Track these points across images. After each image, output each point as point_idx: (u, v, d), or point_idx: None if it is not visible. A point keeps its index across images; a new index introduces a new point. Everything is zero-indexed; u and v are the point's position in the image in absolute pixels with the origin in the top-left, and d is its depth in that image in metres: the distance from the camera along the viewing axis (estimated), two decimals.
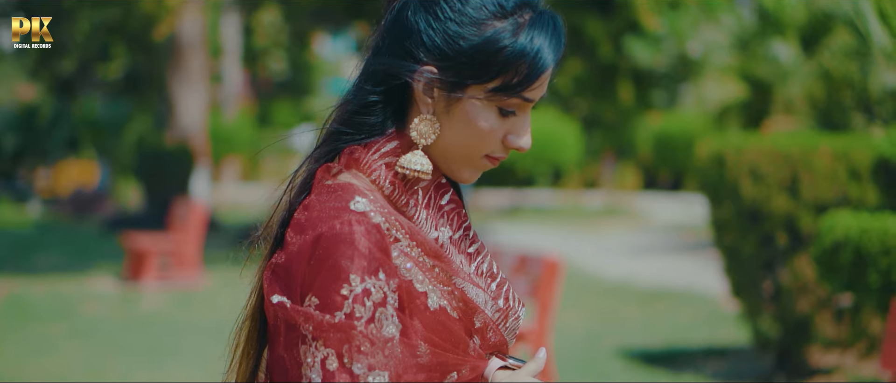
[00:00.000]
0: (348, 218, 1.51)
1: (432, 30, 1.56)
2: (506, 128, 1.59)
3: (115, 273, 12.44)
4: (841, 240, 5.87)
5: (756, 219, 7.03)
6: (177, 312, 10.09)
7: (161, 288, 11.50)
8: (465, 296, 1.58)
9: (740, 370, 7.41)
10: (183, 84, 20.74)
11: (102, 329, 9.21)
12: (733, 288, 7.40)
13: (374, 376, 1.48)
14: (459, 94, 1.56)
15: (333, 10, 23.84)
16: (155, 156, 18.85)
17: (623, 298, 10.40)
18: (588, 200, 22.36)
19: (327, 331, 1.47)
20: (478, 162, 1.61)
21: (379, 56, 1.60)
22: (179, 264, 11.86)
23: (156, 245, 11.70)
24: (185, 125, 20.56)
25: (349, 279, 1.48)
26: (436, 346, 1.55)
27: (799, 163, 6.92)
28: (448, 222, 1.65)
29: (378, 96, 1.59)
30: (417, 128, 1.58)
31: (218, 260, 13.76)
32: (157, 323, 9.50)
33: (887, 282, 5.69)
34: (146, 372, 7.57)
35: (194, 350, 8.34)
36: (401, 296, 1.53)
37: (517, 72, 1.55)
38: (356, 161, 1.59)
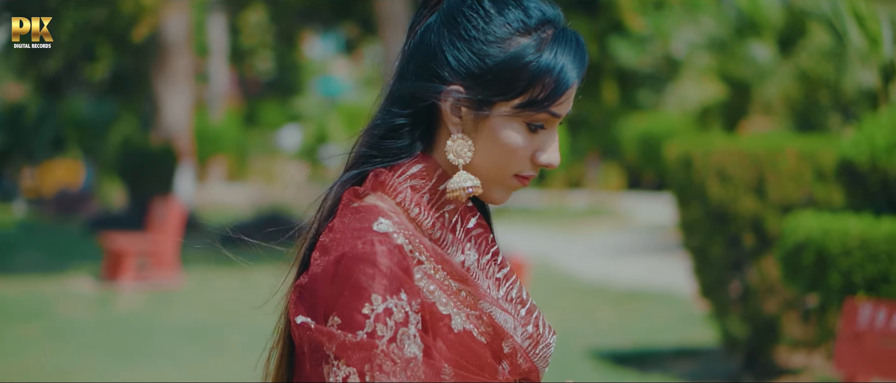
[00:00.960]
0: (371, 238, 1.52)
1: (457, 49, 1.58)
2: (534, 144, 1.60)
3: (94, 273, 12.43)
4: (803, 241, 5.90)
5: (723, 220, 7.06)
6: (152, 313, 10.10)
7: (138, 288, 11.50)
8: (494, 321, 1.59)
9: (709, 370, 7.44)
10: (168, 84, 20.73)
11: (76, 329, 9.21)
12: (702, 288, 7.43)
13: None
14: (486, 111, 1.57)
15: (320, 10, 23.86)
16: (138, 155, 18.84)
17: (599, 299, 10.43)
18: (572, 201, 22.41)
19: (349, 351, 1.48)
20: (508, 181, 1.61)
21: (404, 80, 1.61)
22: (157, 264, 11.86)
23: (133, 245, 11.70)
24: (170, 125, 20.55)
25: (371, 298, 1.49)
26: (461, 368, 1.55)
27: (765, 165, 6.95)
28: (476, 246, 1.66)
29: (405, 119, 1.60)
30: (452, 148, 1.59)
31: (198, 260, 13.76)
32: (132, 324, 9.50)
33: (848, 282, 5.72)
34: (116, 372, 7.58)
35: (166, 350, 8.34)
36: (424, 318, 1.54)
37: (543, 87, 1.57)
38: (382, 184, 1.60)
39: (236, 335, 8.92)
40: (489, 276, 1.66)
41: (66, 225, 19.49)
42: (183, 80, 21.05)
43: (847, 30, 9.88)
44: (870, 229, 5.72)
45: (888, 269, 5.62)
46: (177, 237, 12.04)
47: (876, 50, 9.73)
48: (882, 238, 5.66)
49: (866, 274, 5.67)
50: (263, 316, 7.33)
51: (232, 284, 11.88)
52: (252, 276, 12.85)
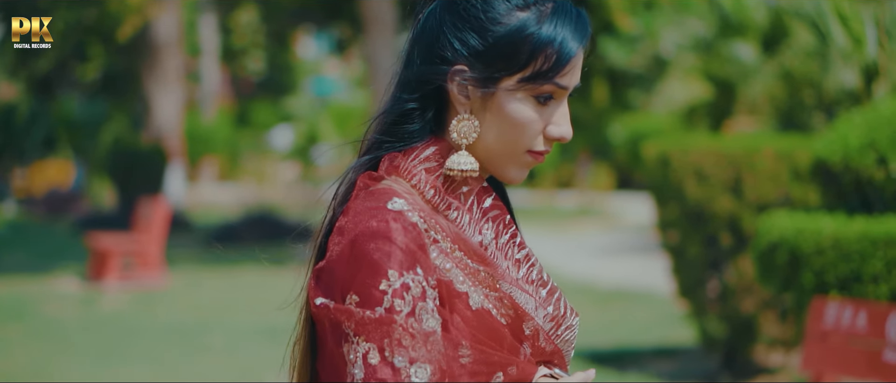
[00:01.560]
0: (385, 216, 1.53)
1: (458, 30, 1.60)
2: (544, 118, 1.61)
3: (80, 273, 12.43)
4: (777, 240, 5.91)
5: (700, 220, 7.07)
6: (136, 313, 10.09)
7: (123, 288, 11.49)
8: (514, 302, 1.59)
9: (687, 370, 7.45)
10: (158, 84, 20.73)
11: (59, 329, 9.21)
12: (680, 288, 7.44)
13: (416, 369, 1.49)
14: (492, 88, 1.59)
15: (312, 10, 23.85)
16: (127, 155, 18.83)
17: (583, 298, 10.43)
18: (562, 200, 22.42)
19: (368, 326, 1.49)
20: (521, 157, 1.62)
21: (410, 66, 1.63)
22: (142, 264, 11.86)
23: (118, 245, 11.70)
24: (161, 125, 20.54)
25: (387, 274, 1.50)
26: (481, 344, 1.55)
27: (742, 164, 6.96)
28: (493, 226, 1.66)
29: (415, 104, 1.62)
30: (457, 128, 1.60)
31: (185, 260, 13.76)
32: (115, 324, 9.50)
33: (821, 282, 5.73)
34: (96, 372, 7.57)
35: (147, 351, 8.34)
36: (441, 294, 1.55)
37: (546, 58, 1.58)
38: (396, 167, 1.62)
39: (217, 335, 8.92)
40: (508, 257, 1.66)
41: (56, 225, 19.47)
42: (173, 79, 21.05)
43: (830, 30, 9.89)
44: (842, 229, 5.73)
45: (860, 269, 5.63)
46: (162, 237, 12.03)
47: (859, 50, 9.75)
48: (854, 237, 5.67)
49: (839, 273, 5.68)
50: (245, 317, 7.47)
51: (218, 284, 11.88)
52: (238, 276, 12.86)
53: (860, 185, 5.98)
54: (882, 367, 4.24)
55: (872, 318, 4.20)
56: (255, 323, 9.31)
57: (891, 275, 5.58)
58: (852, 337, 4.51)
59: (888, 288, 5.60)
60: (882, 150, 5.90)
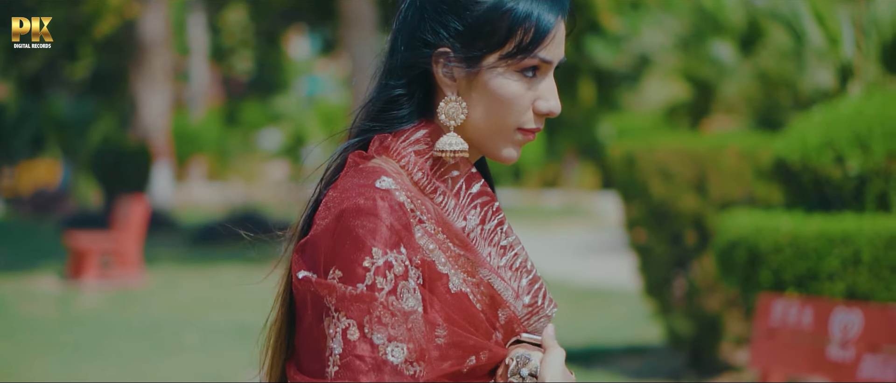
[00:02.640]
0: (372, 194, 1.54)
1: (438, 13, 1.61)
2: (532, 93, 1.62)
3: (59, 272, 12.44)
4: (736, 238, 5.95)
5: (665, 218, 7.11)
6: (111, 311, 10.11)
7: (101, 287, 11.51)
8: (492, 289, 1.60)
9: (654, 368, 7.49)
10: (146, 83, 20.73)
11: (33, 328, 9.23)
12: (646, 286, 7.47)
13: (393, 347, 1.49)
14: (476, 66, 1.60)
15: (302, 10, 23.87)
16: (113, 154, 18.82)
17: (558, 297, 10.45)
18: (548, 200, 22.46)
19: (349, 302, 1.50)
20: (512, 135, 1.63)
21: (394, 54, 1.64)
22: (120, 263, 11.88)
23: (96, 244, 11.71)
24: (148, 124, 20.55)
25: (371, 251, 1.51)
26: (457, 326, 1.56)
27: (706, 163, 7.00)
28: (479, 212, 1.66)
29: (402, 89, 1.63)
30: (445, 110, 1.61)
31: (165, 259, 13.78)
32: (90, 322, 9.52)
33: (779, 280, 5.77)
34: (67, 371, 7.59)
35: (118, 349, 8.36)
36: (423, 275, 1.56)
37: (525, 32, 1.59)
38: (386, 147, 1.63)
39: (191, 334, 8.94)
40: (493, 243, 1.65)
41: (41, 224, 19.47)
42: (161, 79, 21.06)
43: (806, 30, 9.93)
44: (800, 227, 5.77)
45: (817, 266, 5.67)
46: (140, 236, 12.05)
47: (834, 49, 9.79)
48: (811, 235, 5.71)
49: (796, 271, 5.72)
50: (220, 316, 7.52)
51: (196, 283, 11.90)
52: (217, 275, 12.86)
53: (819, 184, 6.02)
54: (826, 364, 4.27)
55: (818, 315, 4.24)
56: (230, 322, 9.34)
57: (846, 273, 5.63)
58: (798, 334, 4.55)
59: (844, 286, 5.65)
60: (840, 149, 5.94)
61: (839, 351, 4.18)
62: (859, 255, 5.60)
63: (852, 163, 5.88)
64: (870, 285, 5.59)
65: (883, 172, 5.85)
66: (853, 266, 5.61)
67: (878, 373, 4.03)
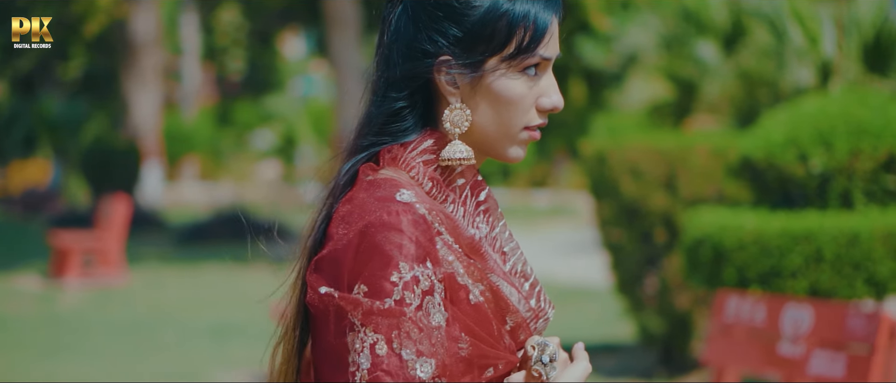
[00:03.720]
0: (395, 208, 1.53)
1: (435, 22, 1.61)
2: (535, 92, 1.62)
3: (43, 271, 12.47)
4: (701, 236, 5.98)
5: (636, 216, 7.13)
6: (92, 310, 10.13)
7: (83, 286, 11.53)
8: (499, 294, 1.60)
9: (626, 366, 7.51)
10: (136, 83, 20.75)
11: (12, 326, 9.25)
12: (618, 284, 7.50)
13: (422, 363, 1.49)
14: (479, 71, 1.60)
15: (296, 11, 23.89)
16: (102, 154, 18.84)
17: None
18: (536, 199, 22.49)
19: (376, 317, 1.49)
20: (518, 136, 1.63)
21: (391, 68, 1.63)
22: (103, 262, 11.90)
23: (79, 243, 11.74)
24: (139, 124, 20.57)
25: (398, 266, 1.50)
26: (478, 338, 1.57)
27: (676, 161, 7.03)
28: (485, 220, 1.66)
29: (404, 102, 1.62)
30: (450, 118, 1.61)
31: (150, 258, 13.80)
32: (69, 321, 9.54)
33: (743, 277, 5.80)
34: (40, 369, 7.62)
35: (95, 348, 8.39)
36: (444, 288, 1.56)
37: (525, 31, 1.59)
38: (394, 158, 1.62)
39: (170, 333, 8.96)
40: (497, 249, 1.66)
41: (30, 224, 19.49)
42: (151, 79, 21.07)
43: (787, 29, 9.96)
44: (763, 224, 5.80)
45: (780, 264, 5.71)
46: (122, 235, 12.07)
47: (815, 48, 9.81)
48: (774, 233, 5.74)
49: (760, 268, 5.75)
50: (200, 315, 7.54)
51: (178, 282, 11.92)
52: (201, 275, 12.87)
53: (783, 182, 6.05)
54: (777, 360, 4.30)
55: (770, 311, 4.27)
56: (209, 321, 9.37)
57: (809, 270, 5.66)
58: (752, 331, 4.58)
59: (807, 283, 5.68)
60: (803, 147, 5.97)
61: (790, 347, 4.21)
62: (821, 253, 5.63)
63: (815, 161, 5.91)
64: (832, 282, 5.62)
65: (846, 170, 5.88)
66: (815, 263, 5.64)
67: (827, 369, 4.06)
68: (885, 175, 5.88)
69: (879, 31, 9.80)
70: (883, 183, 5.88)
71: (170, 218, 19.19)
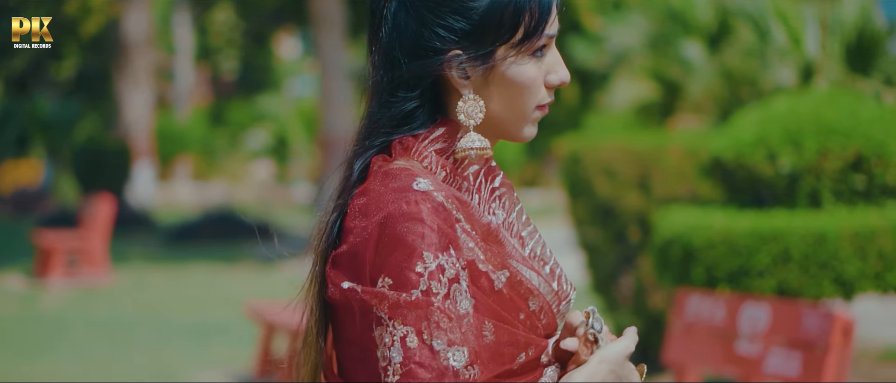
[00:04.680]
0: (414, 197, 1.52)
1: (438, 17, 1.59)
2: (542, 71, 1.62)
3: (28, 271, 12.48)
4: (672, 236, 5.99)
5: (610, 216, 7.14)
6: (74, 310, 10.14)
7: (66, 285, 11.54)
8: (520, 279, 1.60)
9: None
10: (128, 83, 20.77)
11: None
12: (594, 283, 7.51)
13: (454, 352, 1.48)
14: (491, 61, 1.59)
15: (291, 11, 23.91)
16: (92, 154, 18.85)
17: None
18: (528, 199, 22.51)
19: (404, 309, 1.48)
20: (531, 115, 1.63)
21: (396, 67, 1.61)
22: (87, 262, 11.90)
23: (63, 242, 11.74)
24: (130, 123, 20.59)
25: (423, 256, 1.49)
26: (504, 322, 1.57)
27: (650, 161, 7.03)
28: (501, 205, 1.66)
29: (416, 101, 1.61)
30: (464, 109, 1.60)
31: (138, 258, 13.81)
32: (50, 321, 9.55)
33: (711, 276, 5.80)
34: (15, 368, 7.62)
35: (73, 347, 8.39)
36: (467, 274, 1.55)
37: (531, 15, 1.59)
38: (407, 149, 1.61)
39: (148, 332, 8.97)
40: (515, 234, 1.65)
41: (20, 223, 19.50)
42: (144, 79, 21.09)
43: (770, 28, 9.97)
44: (732, 224, 5.81)
45: (748, 263, 5.71)
46: (106, 235, 12.07)
47: (797, 48, 9.82)
48: (743, 232, 5.75)
49: (728, 268, 5.76)
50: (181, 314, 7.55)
51: (162, 282, 11.93)
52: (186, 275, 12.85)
53: (752, 181, 6.06)
54: (735, 358, 4.31)
55: (729, 310, 4.28)
56: (189, 321, 9.37)
57: (776, 270, 5.67)
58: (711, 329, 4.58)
59: (775, 282, 5.69)
60: (772, 147, 5.98)
61: (747, 345, 4.22)
62: (789, 252, 5.64)
63: (784, 161, 5.92)
64: (799, 282, 5.63)
65: (814, 170, 5.89)
66: (783, 263, 5.65)
67: (783, 368, 4.07)
68: (854, 175, 5.89)
69: (862, 31, 9.81)
70: (851, 183, 5.89)
71: (160, 218, 19.20)
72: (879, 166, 5.86)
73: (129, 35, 20.66)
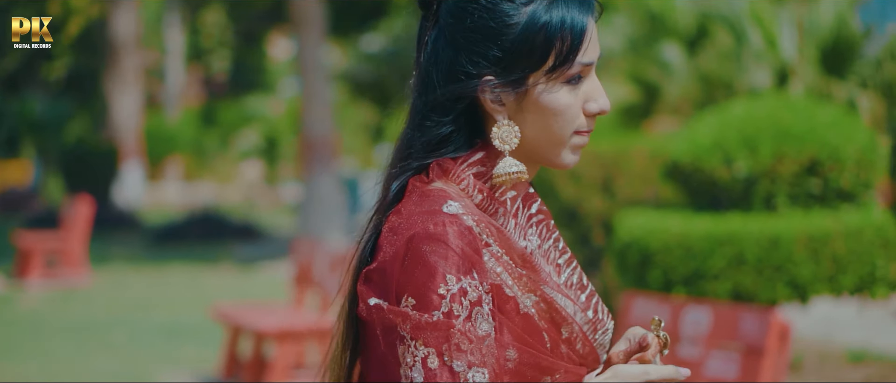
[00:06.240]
0: (441, 219, 1.54)
1: (474, 42, 1.61)
2: (581, 98, 1.62)
3: (7, 271, 12.50)
4: (630, 239, 6.02)
5: (574, 219, 7.17)
6: (49, 311, 10.16)
7: (45, 286, 11.56)
8: (554, 306, 1.60)
9: None
10: (117, 83, 20.79)
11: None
12: None
13: (474, 373, 1.50)
14: (524, 86, 1.60)
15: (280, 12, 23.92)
16: (80, 154, 18.87)
17: None
18: None
19: (426, 330, 1.50)
20: (569, 142, 1.64)
21: (431, 91, 1.63)
22: (66, 263, 11.92)
23: (42, 243, 11.77)
24: (119, 124, 20.62)
25: (445, 278, 1.51)
26: (529, 347, 1.58)
27: (613, 165, 7.07)
28: (537, 232, 1.68)
29: (451, 125, 1.63)
30: (499, 135, 1.61)
31: (119, 258, 13.83)
32: (25, 322, 9.57)
33: (668, 279, 5.84)
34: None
35: (45, 348, 8.41)
36: (492, 299, 1.57)
37: (563, 41, 1.59)
38: (445, 171, 1.63)
39: (122, 333, 8.99)
40: (550, 262, 1.67)
41: (6, 224, 19.50)
42: (132, 79, 21.11)
43: (746, 31, 10.00)
44: (688, 227, 5.85)
45: (703, 266, 5.75)
46: (85, 235, 12.10)
47: (773, 51, 9.85)
48: (698, 235, 5.79)
49: (684, 271, 5.80)
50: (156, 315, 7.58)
51: (142, 283, 11.95)
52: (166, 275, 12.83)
53: (709, 185, 6.10)
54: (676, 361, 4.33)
55: (672, 313, 4.31)
56: (165, 322, 9.39)
57: (731, 272, 5.70)
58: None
59: (730, 285, 5.73)
60: (729, 151, 6.02)
61: (689, 348, 4.25)
62: (743, 255, 5.68)
63: (740, 165, 5.95)
64: (754, 285, 5.68)
65: (770, 174, 5.93)
66: (738, 266, 5.69)
67: (722, 371, 4.10)
68: (809, 179, 5.93)
69: (838, 34, 9.84)
70: (806, 186, 5.93)
71: (147, 218, 19.21)
72: (834, 170, 5.90)
73: (118, 36, 20.68)
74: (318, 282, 7.02)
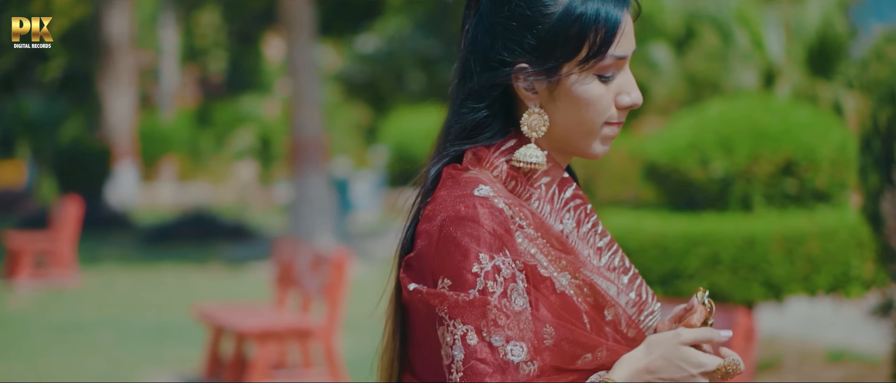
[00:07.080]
0: (472, 202, 1.59)
1: (510, 31, 1.65)
2: (613, 90, 1.66)
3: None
4: None
5: None
6: (36, 311, 10.18)
7: (33, 287, 11.58)
8: (595, 288, 1.64)
9: None
10: (111, 84, 20.81)
11: None
12: None
13: (512, 346, 1.55)
14: (557, 76, 1.64)
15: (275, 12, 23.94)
16: (73, 155, 18.89)
17: None
18: None
19: (463, 309, 1.55)
20: (600, 133, 1.68)
21: (469, 78, 1.68)
22: (55, 263, 11.95)
23: (30, 243, 11.79)
24: (113, 124, 20.64)
25: (478, 257, 1.56)
26: (567, 323, 1.61)
27: (593, 164, 7.09)
28: (574, 216, 1.71)
29: (486, 111, 1.67)
30: (528, 122, 1.65)
31: (110, 259, 13.85)
32: (12, 322, 9.60)
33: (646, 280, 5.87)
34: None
35: (30, 348, 8.44)
36: (526, 278, 1.60)
37: (596, 33, 1.62)
38: (479, 159, 1.67)
39: (109, 333, 9.01)
40: (590, 245, 1.71)
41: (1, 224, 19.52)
42: (127, 80, 21.13)
43: (733, 32, 10.03)
44: (664, 227, 5.88)
45: (679, 266, 5.78)
46: (74, 236, 12.12)
47: (759, 51, 9.88)
48: (675, 235, 5.81)
49: (661, 270, 5.82)
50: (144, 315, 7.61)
51: (131, 283, 11.97)
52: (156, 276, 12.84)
53: (686, 185, 6.13)
54: None
55: None
56: (152, 322, 9.41)
57: (707, 272, 5.73)
58: None
59: (706, 285, 5.75)
60: (705, 152, 6.04)
61: None
62: (719, 255, 5.71)
63: (716, 165, 5.98)
64: (730, 285, 5.70)
65: (745, 174, 5.96)
66: (713, 265, 5.72)
67: None
68: (785, 179, 5.96)
69: (824, 35, 9.87)
70: (782, 187, 5.96)
71: (140, 219, 19.23)
72: (810, 171, 5.93)
73: (112, 36, 20.71)
74: (299, 282, 7.04)
